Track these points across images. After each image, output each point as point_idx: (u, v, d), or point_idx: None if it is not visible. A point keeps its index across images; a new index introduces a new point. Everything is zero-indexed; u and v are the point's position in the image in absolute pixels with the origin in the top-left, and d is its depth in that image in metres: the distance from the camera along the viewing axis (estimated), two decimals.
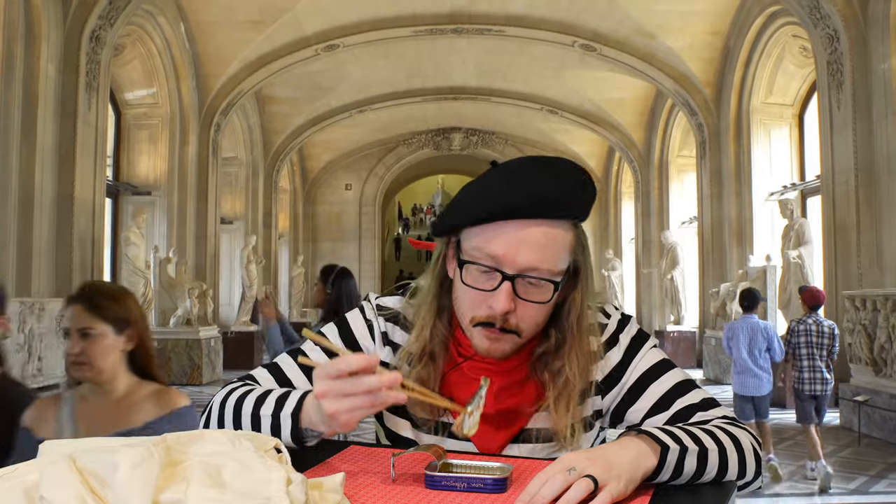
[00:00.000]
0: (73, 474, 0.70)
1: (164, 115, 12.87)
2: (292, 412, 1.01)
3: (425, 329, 1.16)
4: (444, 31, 13.93)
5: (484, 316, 1.09)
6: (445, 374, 1.16)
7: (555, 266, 1.09)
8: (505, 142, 22.74)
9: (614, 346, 1.19)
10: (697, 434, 0.98)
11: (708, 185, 13.84)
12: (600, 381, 1.17)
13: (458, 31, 13.95)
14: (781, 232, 9.69)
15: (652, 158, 17.91)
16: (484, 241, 1.08)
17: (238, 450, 0.80)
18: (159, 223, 12.72)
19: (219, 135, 14.07)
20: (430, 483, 0.89)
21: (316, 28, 13.42)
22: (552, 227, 1.08)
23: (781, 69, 12.45)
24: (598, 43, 13.71)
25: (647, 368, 1.17)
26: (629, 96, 17.40)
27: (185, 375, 10.87)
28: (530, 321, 1.10)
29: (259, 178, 17.87)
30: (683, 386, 1.15)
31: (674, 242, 13.42)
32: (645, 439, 0.94)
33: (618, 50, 13.77)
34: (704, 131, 13.84)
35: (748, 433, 1.06)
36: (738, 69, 12.88)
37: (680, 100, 14.15)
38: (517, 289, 1.07)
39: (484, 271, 1.08)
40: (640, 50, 13.69)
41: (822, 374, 5.84)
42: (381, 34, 13.71)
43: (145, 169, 12.81)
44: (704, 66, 13.54)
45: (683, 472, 0.95)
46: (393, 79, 17.28)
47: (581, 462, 0.86)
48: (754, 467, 1.03)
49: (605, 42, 13.70)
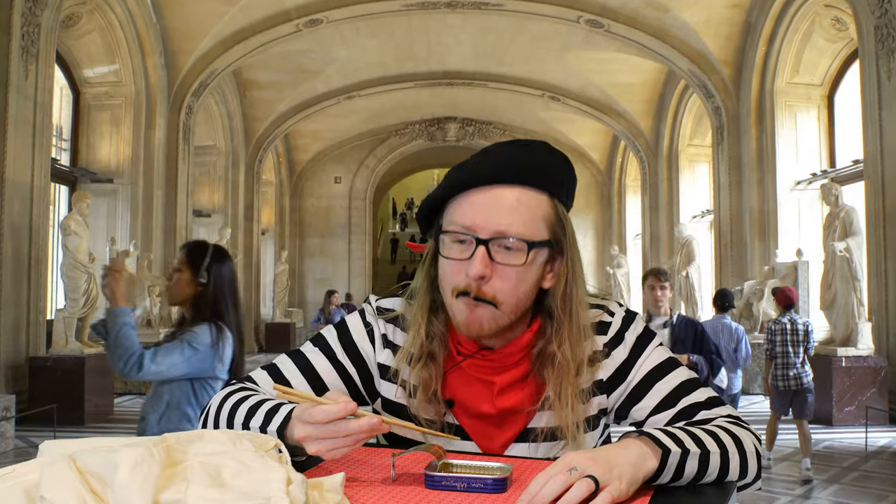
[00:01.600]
0: (73, 474, 0.71)
1: (127, 95, 11.65)
2: (278, 428, 0.99)
3: (421, 329, 1.16)
4: (438, 6, 12.72)
5: (462, 285, 1.09)
6: (446, 372, 1.17)
7: (528, 230, 1.09)
8: (503, 132, 21.52)
9: (620, 344, 1.18)
10: (699, 435, 0.99)
11: (726, 175, 12.65)
12: (605, 379, 1.17)
13: (452, 6, 12.74)
14: (824, 221, 8.49)
15: (661, 148, 16.74)
16: (459, 211, 1.11)
17: (238, 450, 0.81)
18: (122, 213, 11.51)
19: (191, 118, 12.84)
20: (430, 483, 0.90)
21: (296, 0, 12.20)
22: (525, 192, 1.10)
23: (810, 45, 11.27)
24: (606, 18, 12.50)
25: (653, 367, 1.16)
26: (637, 81, 16.22)
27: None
28: (507, 290, 1.10)
29: (240, 168, 16.65)
30: (689, 384, 1.15)
31: (689, 236, 12.25)
32: (646, 441, 0.94)
33: (627, 26, 12.56)
34: (722, 115, 12.66)
35: (751, 434, 1.06)
36: (761, 46, 11.69)
37: (695, 81, 12.95)
38: (492, 253, 1.08)
39: (459, 240, 1.10)
40: (651, 26, 12.49)
41: (796, 371, 6.07)
42: (368, 7, 12.49)
43: (107, 154, 11.59)
44: (723, 42, 12.34)
45: (685, 474, 0.95)
46: (383, 61, 16.07)
47: (583, 462, 0.86)
48: (756, 468, 1.03)
49: (613, 17, 12.49)
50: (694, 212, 15.87)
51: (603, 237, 21.77)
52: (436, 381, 1.14)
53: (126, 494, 0.69)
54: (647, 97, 16.72)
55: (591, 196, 21.94)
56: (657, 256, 16.89)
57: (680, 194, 16.15)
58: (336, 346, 1.21)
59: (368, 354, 1.21)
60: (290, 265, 20.70)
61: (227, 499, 0.72)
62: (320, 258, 21.69)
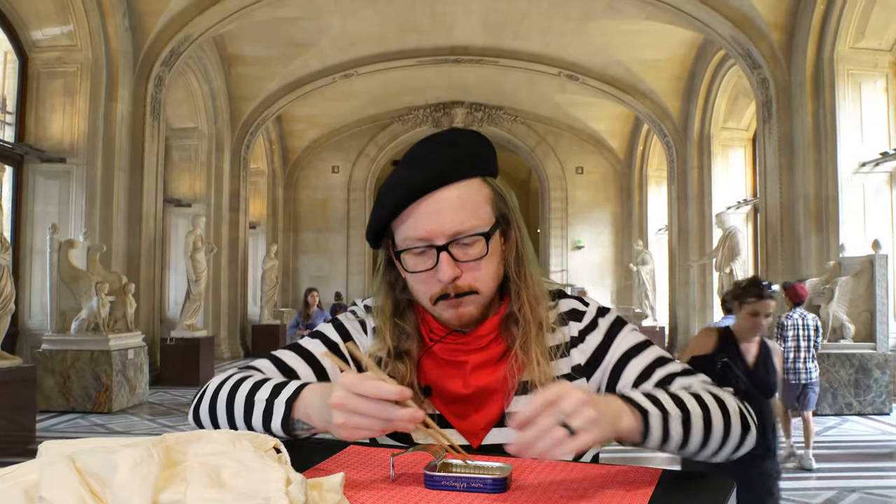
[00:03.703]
0: (72, 474, 0.71)
1: (84, 62, 10.04)
2: (287, 400, 1.01)
3: (386, 336, 1.19)
4: None
5: (438, 291, 1.13)
6: (420, 360, 1.19)
7: (478, 220, 1.13)
8: (514, 118, 19.93)
9: (594, 330, 1.21)
10: (682, 397, 1.03)
11: (774, 157, 10.99)
12: (583, 364, 1.19)
13: None
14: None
15: (690, 132, 15.09)
16: (408, 227, 1.13)
17: (237, 450, 0.81)
18: (76, 198, 9.91)
19: (161, 92, 11.24)
20: (430, 483, 0.90)
21: None
22: (462, 188, 1.13)
23: (880, 2, 9.60)
24: None
25: (628, 347, 1.19)
26: (665, 56, 14.57)
27: (90, 400, 8.03)
28: (482, 277, 1.14)
29: (224, 153, 15.05)
30: (663, 359, 1.18)
31: (732, 227, 10.62)
32: (627, 403, 0.98)
33: None
34: (770, 88, 10.99)
35: (733, 396, 1.08)
36: (819, 4, 10.02)
37: (738, 50, 11.28)
38: (454, 254, 1.11)
39: (419, 253, 1.13)
40: None
41: (806, 365, 6.26)
42: None
43: (59, 129, 9.99)
44: (772, 3, 10.67)
45: (671, 435, 0.99)
46: (383, 34, 14.45)
47: (573, 404, 0.88)
48: (739, 429, 1.05)
49: None
50: (728, 202, 14.20)
51: (622, 232, 20.11)
52: (410, 373, 1.17)
53: (125, 495, 0.69)
54: (676, 75, 15.06)
55: (608, 188, 20.30)
56: (685, 252, 15.24)
57: (713, 183, 14.48)
58: (336, 337, 1.23)
59: (363, 345, 1.23)
60: (284, 262, 19.15)
61: (226, 499, 0.72)
62: (316, 254, 20.08)
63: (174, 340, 10.53)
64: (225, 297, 14.90)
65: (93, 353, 8.03)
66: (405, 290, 1.19)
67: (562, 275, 19.79)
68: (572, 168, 20.30)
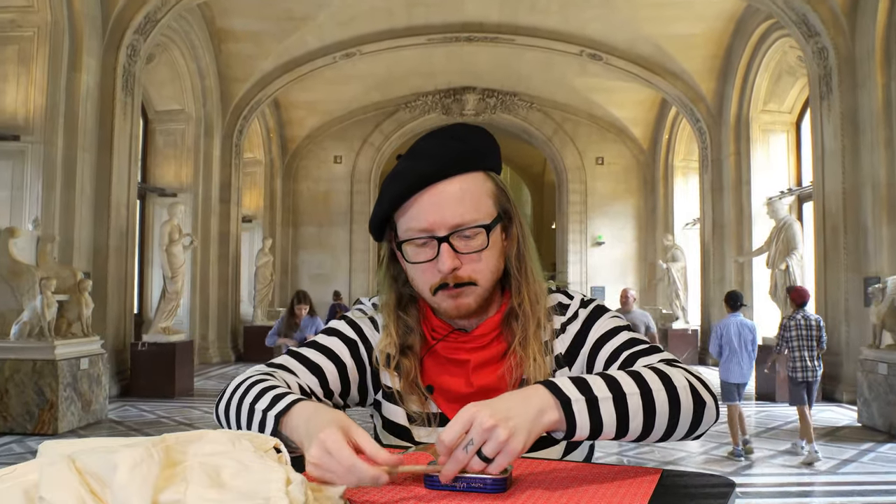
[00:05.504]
0: (72, 474, 0.70)
1: (41, 25, 8.75)
2: (276, 415, 1.00)
3: (391, 329, 1.20)
4: None
5: (437, 281, 1.13)
6: (423, 359, 1.20)
7: (480, 213, 1.13)
8: (529, 105, 18.54)
9: (575, 320, 1.21)
10: (618, 378, 0.99)
11: (834, 138, 9.58)
12: (563, 353, 1.19)
13: None
14: None
15: (726, 116, 13.68)
16: (411, 218, 1.13)
17: (237, 450, 0.80)
18: (31, 182, 8.61)
19: (135, 63, 9.92)
20: (430, 483, 0.88)
21: None
22: (465, 180, 1.14)
23: None
24: None
25: (602, 333, 1.19)
26: (699, 31, 13.18)
27: (31, 420, 6.70)
28: (482, 269, 1.14)
29: (214, 138, 13.74)
30: (632, 341, 1.16)
31: (787, 218, 9.22)
32: (550, 391, 0.94)
33: None
34: (829, 59, 9.57)
35: (685, 371, 1.04)
36: None
37: (791, 16, 9.87)
38: (455, 246, 1.12)
39: (421, 244, 1.14)
40: None
41: (811, 363, 6.46)
42: None
43: (11, 102, 8.70)
44: None
45: (604, 420, 0.95)
46: (388, 7, 13.12)
47: (481, 418, 0.87)
48: (691, 403, 1.00)
49: None
50: (769, 192, 12.78)
51: (645, 227, 18.69)
52: (415, 370, 1.18)
53: (125, 495, 0.68)
54: (711, 53, 13.65)
55: (630, 180, 18.89)
56: (720, 247, 13.84)
57: (752, 171, 13.07)
58: (352, 334, 1.24)
59: (374, 341, 1.23)
60: (282, 258, 17.84)
61: (226, 499, 0.71)
62: (317, 250, 18.74)
63: (146, 346, 9.18)
64: (214, 296, 13.60)
65: (35, 362, 6.70)
66: (407, 285, 1.21)
67: (580, 270, 18.47)
68: (592, 158, 18.89)
